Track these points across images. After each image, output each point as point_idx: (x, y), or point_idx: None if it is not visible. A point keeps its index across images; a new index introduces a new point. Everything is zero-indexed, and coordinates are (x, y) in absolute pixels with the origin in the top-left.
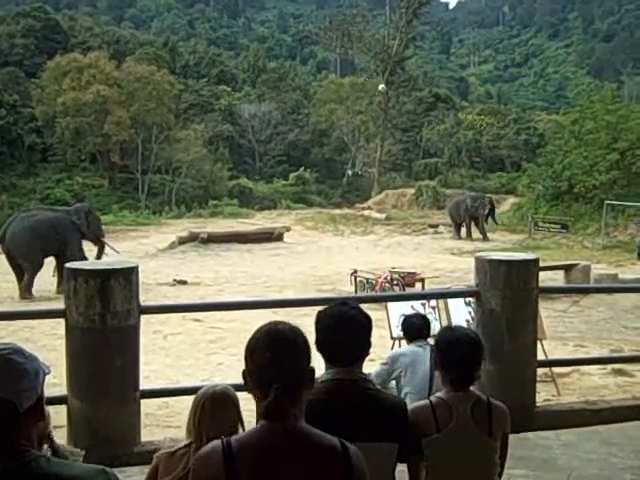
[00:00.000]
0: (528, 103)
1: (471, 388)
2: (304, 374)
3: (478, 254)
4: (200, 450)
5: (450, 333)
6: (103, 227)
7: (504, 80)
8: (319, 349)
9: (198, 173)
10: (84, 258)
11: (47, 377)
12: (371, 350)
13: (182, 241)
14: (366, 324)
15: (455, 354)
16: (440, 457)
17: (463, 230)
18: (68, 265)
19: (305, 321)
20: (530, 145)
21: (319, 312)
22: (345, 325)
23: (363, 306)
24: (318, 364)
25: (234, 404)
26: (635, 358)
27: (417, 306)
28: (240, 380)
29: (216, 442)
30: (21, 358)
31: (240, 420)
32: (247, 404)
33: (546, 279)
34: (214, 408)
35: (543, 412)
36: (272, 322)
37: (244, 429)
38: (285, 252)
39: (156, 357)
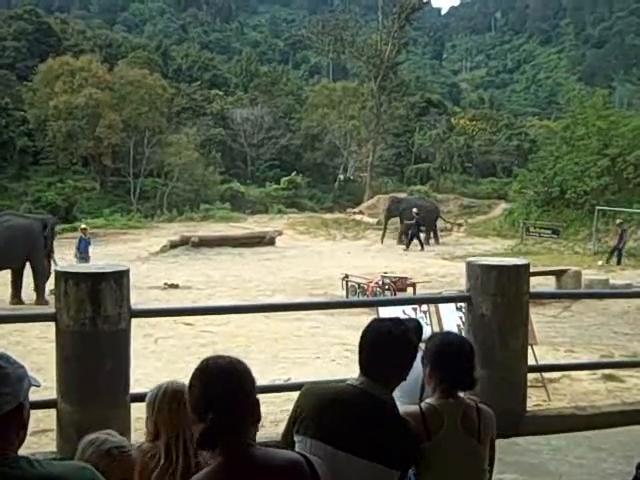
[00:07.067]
0: (520, 109)
1: (460, 394)
2: (243, 405)
3: (469, 259)
4: None
5: (440, 339)
6: (94, 231)
7: (496, 86)
8: (358, 354)
9: (190, 177)
10: (44, 269)
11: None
12: None
13: (174, 245)
14: (403, 347)
15: (446, 360)
16: (430, 464)
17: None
18: (58, 268)
19: (294, 325)
20: (522, 151)
21: (374, 319)
22: (381, 342)
23: (353, 310)
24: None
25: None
26: (625, 363)
27: (408, 311)
28: None
29: None
30: (5, 363)
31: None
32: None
33: (537, 284)
34: (170, 406)
35: (533, 417)
36: (211, 356)
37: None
38: (277, 256)
39: (147, 361)
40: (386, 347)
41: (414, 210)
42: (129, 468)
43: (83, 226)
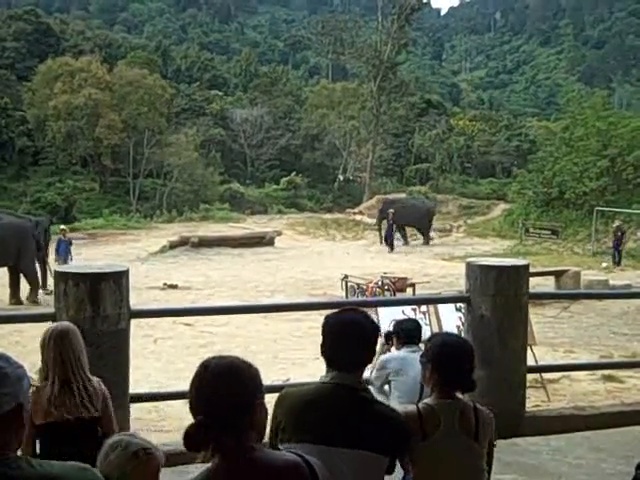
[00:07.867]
0: (519, 109)
1: (458, 395)
2: (244, 408)
3: (469, 259)
4: None
5: (441, 340)
6: (93, 231)
7: (495, 86)
8: (321, 352)
9: (189, 177)
10: (32, 269)
11: None
12: None
13: (173, 245)
14: (370, 332)
15: (446, 361)
16: (427, 464)
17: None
18: (58, 268)
19: (294, 325)
20: (521, 151)
21: (326, 316)
22: (348, 332)
23: None
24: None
25: (75, 339)
26: (624, 364)
27: (408, 311)
28: None
29: None
30: (4, 363)
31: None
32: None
33: (536, 285)
34: (56, 346)
35: (533, 418)
36: (212, 357)
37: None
38: (276, 257)
39: (146, 361)
40: (352, 334)
41: (390, 211)
42: (155, 469)
43: (62, 227)
